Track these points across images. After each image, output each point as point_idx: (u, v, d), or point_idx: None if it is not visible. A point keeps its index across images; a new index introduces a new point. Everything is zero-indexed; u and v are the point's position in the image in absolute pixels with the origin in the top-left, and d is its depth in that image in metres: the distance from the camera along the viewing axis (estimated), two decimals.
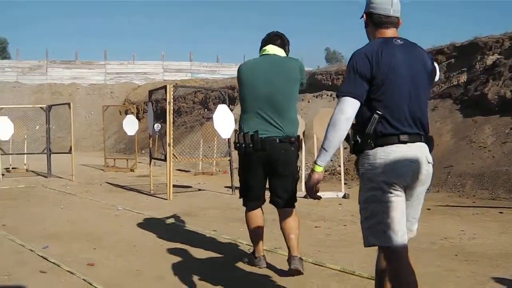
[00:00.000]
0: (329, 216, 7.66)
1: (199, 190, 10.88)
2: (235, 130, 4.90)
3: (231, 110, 10.36)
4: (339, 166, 11.32)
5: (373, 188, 2.92)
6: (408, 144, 2.89)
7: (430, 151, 3.02)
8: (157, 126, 13.69)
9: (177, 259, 5.26)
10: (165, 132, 10.11)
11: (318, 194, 3.12)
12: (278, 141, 4.34)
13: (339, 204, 8.78)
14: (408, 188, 2.94)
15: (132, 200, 9.55)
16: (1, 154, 13.08)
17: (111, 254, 5.48)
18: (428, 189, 3.14)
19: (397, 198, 2.88)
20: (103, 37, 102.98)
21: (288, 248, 4.56)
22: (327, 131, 2.92)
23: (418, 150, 2.92)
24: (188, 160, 13.17)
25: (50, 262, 5.11)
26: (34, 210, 8.35)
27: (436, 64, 3.21)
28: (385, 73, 2.88)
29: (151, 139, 11.17)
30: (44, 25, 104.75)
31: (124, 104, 27.67)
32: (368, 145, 2.91)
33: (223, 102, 10.48)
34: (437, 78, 3.26)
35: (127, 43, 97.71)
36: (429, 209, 8.08)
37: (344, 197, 9.42)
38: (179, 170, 14.67)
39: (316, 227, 6.90)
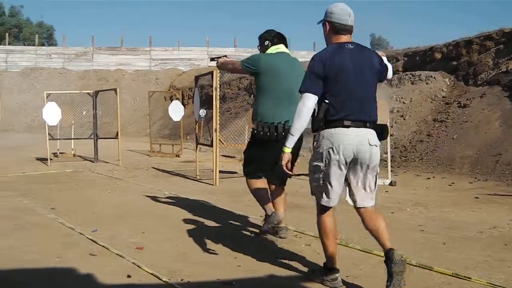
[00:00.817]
0: (376, 203, 7.52)
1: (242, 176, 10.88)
2: (255, 119, 5.20)
3: None
4: (385, 153, 11.16)
5: (318, 160, 3.80)
6: (351, 128, 3.66)
7: (382, 137, 3.78)
8: (203, 112, 13.73)
9: (224, 243, 5.28)
10: (211, 118, 10.14)
11: (291, 172, 4.12)
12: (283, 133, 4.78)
13: (386, 191, 8.66)
14: (353, 163, 3.73)
15: (179, 185, 9.63)
16: (49, 139, 13.32)
17: (159, 238, 5.54)
18: (378, 170, 3.89)
19: (335, 170, 3.72)
20: (148, 24, 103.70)
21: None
22: (294, 120, 3.79)
23: (360, 134, 3.68)
24: (233, 146, 13.19)
25: (99, 245, 5.20)
26: (82, 194, 8.51)
27: (388, 64, 4.00)
28: (335, 72, 3.69)
29: (197, 124, 11.22)
30: (90, 12, 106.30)
31: (169, 90, 27.87)
32: (320, 127, 3.75)
33: None
34: (389, 75, 4.03)
35: (172, 29, 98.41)
36: (477, 198, 7.94)
37: (390, 184, 9.27)
38: (224, 156, 14.71)
39: None
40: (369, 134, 3.72)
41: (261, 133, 5.07)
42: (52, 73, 33.07)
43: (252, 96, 20.65)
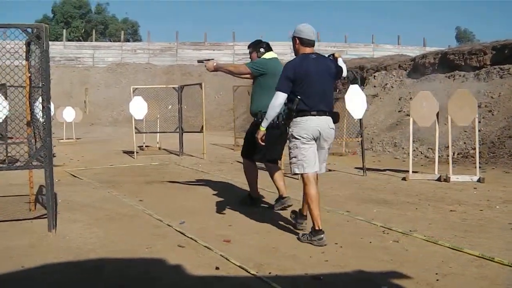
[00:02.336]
0: (464, 200, 7.32)
1: (330, 170, 10.77)
2: (257, 110, 6.33)
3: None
4: (473, 149, 10.77)
5: (294, 139, 5.20)
6: (316, 116, 5.13)
7: (335, 121, 5.31)
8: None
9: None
10: None
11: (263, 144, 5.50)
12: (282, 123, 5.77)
13: (474, 188, 8.35)
14: (318, 141, 5.19)
15: (264, 179, 9.63)
16: (136, 133, 13.70)
17: (247, 231, 5.58)
18: (330, 145, 5.38)
19: (308, 145, 5.16)
20: (231, 19, 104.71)
21: (279, 189, 6.72)
22: (268, 110, 5.27)
23: (322, 120, 5.16)
24: None
25: (187, 237, 5.30)
26: (168, 186, 8.70)
27: (343, 64, 5.60)
28: (302, 76, 5.12)
29: None
30: (174, 7, 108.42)
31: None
32: (293, 116, 5.16)
33: (353, 82, 10.30)
34: (344, 73, 5.61)
35: (255, 25, 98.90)
36: None
37: (478, 181, 8.92)
38: None
39: (451, 211, 6.67)
40: (329, 120, 5.23)
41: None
42: (138, 68, 34.05)
43: (338, 90, 20.45)
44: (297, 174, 5.32)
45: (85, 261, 4.59)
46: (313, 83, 5.11)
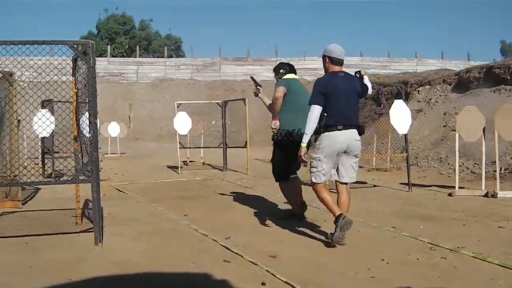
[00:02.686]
0: None
1: (374, 186, 10.68)
2: (279, 129, 6.82)
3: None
4: None
5: (318, 153, 5.64)
6: (342, 130, 5.55)
7: (361, 133, 5.72)
8: None
9: (358, 254, 5.23)
10: None
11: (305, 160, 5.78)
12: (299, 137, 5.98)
13: None
14: (345, 154, 5.64)
15: (309, 194, 9.57)
16: (180, 148, 13.82)
17: (293, 246, 5.55)
18: (358, 156, 5.79)
19: (330, 159, 5.63)
20: (273, 35, 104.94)
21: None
22: (307, 124, 5.59)
23: (348, 133, 5.58)
24: (362, 155, 12.96)
25: (233, 252, 5.28)
26: (213, 201, 8.72)
27: (368, 83, 6.03)
28: (331, 92, 5.56)
29: None
30: (217, 23, 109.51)
31: None
32: (320, 131, 5.58)
33: (397, 97, 10.20)
34: (369, 92, 6.05)
35: (298, 40, 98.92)
36: None
37: None
38: None
39: (499, 227, 6.53)
40: (354, 133, 5.65)
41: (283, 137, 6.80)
42: (181, 83, 34.39)
43: (382, 105, 20.32)
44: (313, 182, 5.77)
45: (131, 275, 4.62)
46: (340, 100, 5.58)
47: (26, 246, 5.51)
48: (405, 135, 10.27)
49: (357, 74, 5.97)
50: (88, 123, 5.49)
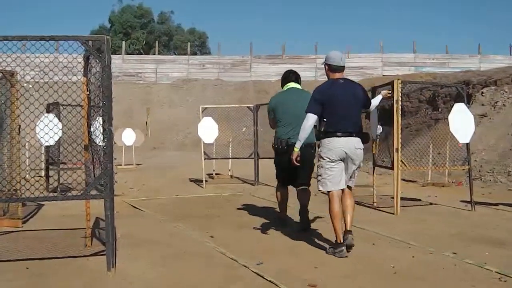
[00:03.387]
0: None
1: (430, 204, 10.58)
2: (277, 138, 8.12)
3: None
4: None
5: (321, 159, 6.41)
6: (342, 137, 6.27)
7: (364, 141, 6.46)
8: (379, 129, 13.55)
9: (410, 284, 5.21)
10: (387, 135, 9.99)
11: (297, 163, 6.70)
12: (303, 146, 6.86)
13: None
14: (345, 161, 6.36)
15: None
16: (205, 159, 13.84)
17: (335, 274, 5.51)
18: (361, 165, 6.59)
19: (334, 165, 6.33)
20: (312, 29, 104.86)
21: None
22: (301, 131, 6.53)
23: (348, 141, 6.30)
24: (416, 168, 12.84)
25: (267, 280, 5.27)
26: (243, 221, 8.74)
27: (374, 101, 7.17)
28: (330, 100, 6.33)
29: (374, 143, 11.06)
30: (247, 17, 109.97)
31: None
32: (321, 137, 6.40)
33: (457, 100, 10.09)
34: (371, 108, 7.18)
35: (339, 35, 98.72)
36: None
37: None
38: (403, 180, 14.39)
39: None
40: (356, 141, 6.40)
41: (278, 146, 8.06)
42: (206, 84, 34.65)
43: (439, 110, 20.18)
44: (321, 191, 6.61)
45: None
46: (339, 106, 6.35)
47: (27, 272, 5.54)
48: (466, 144, 10.14)
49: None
50: (101, 130, 5.51)
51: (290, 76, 8.55)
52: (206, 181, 13.68)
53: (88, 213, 6.53)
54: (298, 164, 6.75)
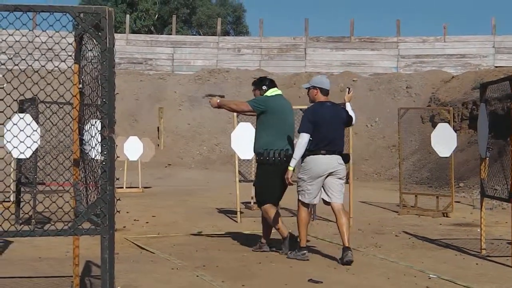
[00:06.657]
0: None
1: None
2: (265, 150, 10.05)
3: None
4: None
5: (303, 174, 9.64)
6: (326, 155, 9.49)
7: (345, 161, 9.88)
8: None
9: None
10: (501, 153, 9.87)
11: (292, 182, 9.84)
12: (284, 161, 9.75)
13: None
14: (328, 176, 9.52)
15: (452, 263, 9.48)
16: (240, 181, 13.73)
17: None
18: (345, 180, 10.08)
19: (312, 182, 9.50)
20: (391, 1, 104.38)
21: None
22: (296, 150, 9.66)
23: (331, 158, 9.53)
24: None
25: None
26: (292, 268, 8.82)
27: (352, 114, 10.05)
28: (318, 120, 9.56)
29: (483, 164, 10.82)
30: None
31: (429, 105, 27.84)
32: (306, 154, 9.56)
33: None
34: (353, 122, 10.25)
35: (431, 7, 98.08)
36: None
37: None
38: None
39: None
40: (338, 158, 9.48)
41: (271, 158, 10.03)
42: (243, 77, 34.70)
43: None
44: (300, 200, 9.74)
45: None
46: (325, 127, 9.48)
47: None
48: None
49: (342, 106, 10.17)
50: (99, 139, 5.46)
51: (270, 82, 10.59)
52: (241, 212, 13.67)
53: (77, 255, 6.43)
54: (294, 183, 9.74)
